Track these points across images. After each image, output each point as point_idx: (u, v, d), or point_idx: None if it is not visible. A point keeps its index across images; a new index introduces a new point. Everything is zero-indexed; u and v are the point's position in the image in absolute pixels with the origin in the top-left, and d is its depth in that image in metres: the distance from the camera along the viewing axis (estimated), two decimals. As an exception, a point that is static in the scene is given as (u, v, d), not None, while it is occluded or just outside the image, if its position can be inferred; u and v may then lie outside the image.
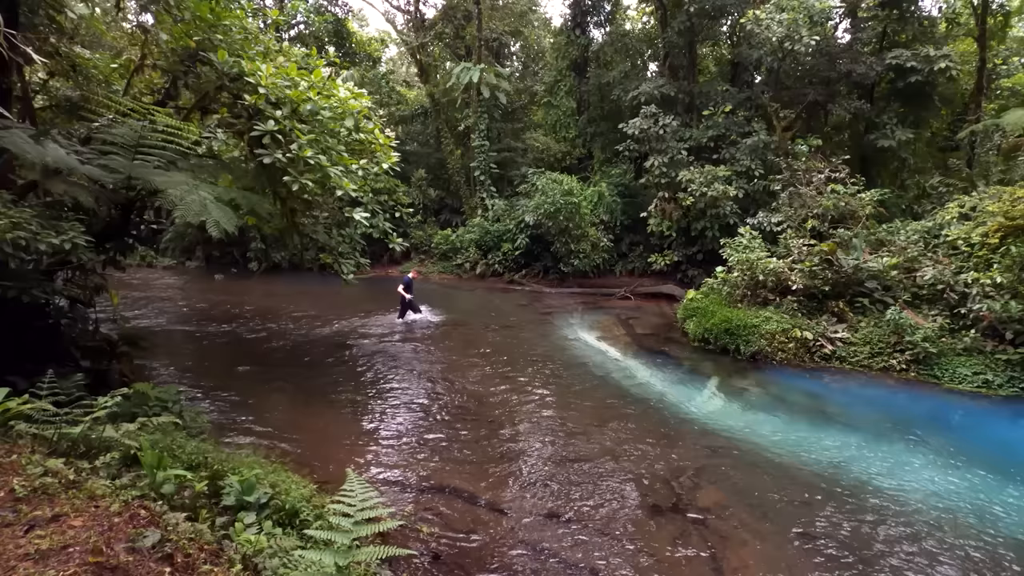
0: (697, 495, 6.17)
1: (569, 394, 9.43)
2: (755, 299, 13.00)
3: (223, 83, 7.66)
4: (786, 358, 11.32)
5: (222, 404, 8.29)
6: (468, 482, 6.27)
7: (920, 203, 18.09)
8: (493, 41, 27.24)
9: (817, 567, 4.93)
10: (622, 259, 22.58)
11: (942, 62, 17.28)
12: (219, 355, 11.15)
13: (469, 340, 13.16)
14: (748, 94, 20.88)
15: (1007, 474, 6.76)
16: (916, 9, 19.48)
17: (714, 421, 8.42)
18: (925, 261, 12.20)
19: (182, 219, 6.41)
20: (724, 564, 4.93)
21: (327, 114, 7.78)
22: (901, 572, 4.88)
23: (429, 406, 8.73)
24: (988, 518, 5.78)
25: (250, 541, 3.37)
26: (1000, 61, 22.23)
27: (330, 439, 7.33)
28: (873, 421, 8.59)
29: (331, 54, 9.42)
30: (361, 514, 2.89)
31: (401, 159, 10.89)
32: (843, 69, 18.56)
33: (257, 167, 7.69)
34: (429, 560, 4.70)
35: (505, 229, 22.85)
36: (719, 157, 19.39)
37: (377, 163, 8.99)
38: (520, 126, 28.69)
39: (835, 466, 6.91)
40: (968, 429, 8.59)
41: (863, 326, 11.44)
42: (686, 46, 22.09)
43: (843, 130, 21.73)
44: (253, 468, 4.85)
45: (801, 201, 15.46)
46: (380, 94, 27.85)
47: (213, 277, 21.96)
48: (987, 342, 10.25)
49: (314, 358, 11.11)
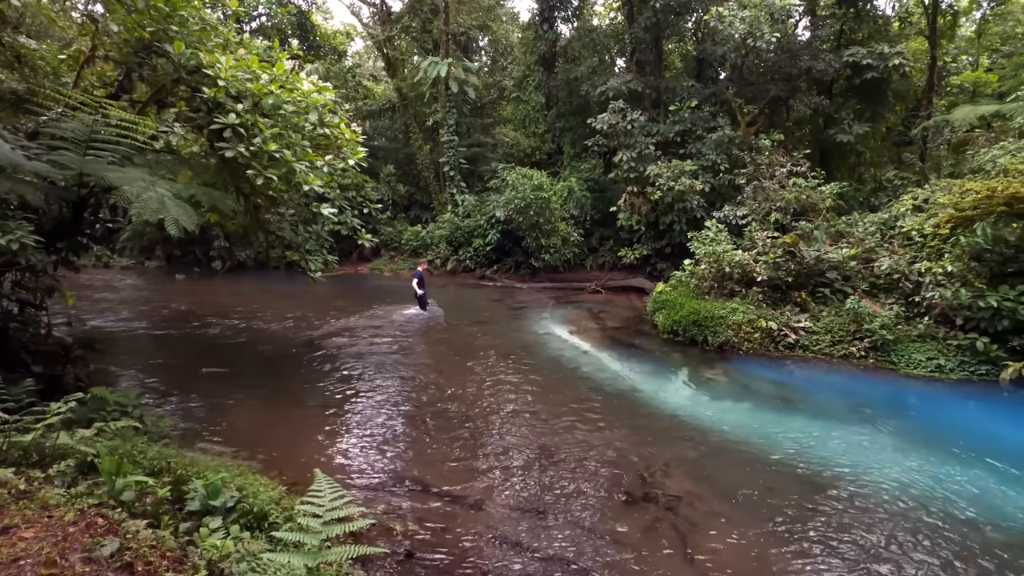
0: (668, 484, 6.28)
1: (542, 388, 9.47)
2: (722, 291, 13.27)
3: (180, 76, 7.41)
4: (752, 348, 11.60)
5: (186, 407, 8.05)
6: (442, 478, 6.24)
7: (877, 196, 18.75)
8: (461, 35, 27.02)
9: (782, 548, 5.07)
10: (593, 253, 22.76)
11: (896, 59, 17.92)
12: (182, 357, 10.82)
13: (441, 337, 13.10)
14: (713, 90, 21.25)
15: (957, 455, 7.08)
16: (871, 8, 20.13)
17: (684, 411, 8.58)
18: (881, 252, 12.65)
19: (139, 217, 6.19)
20: (694, 550, 5.03)
21: (290, 108, 7.59)
22: (861, 550, 5.07)
23: (401, 404, 8.66)
24: (940, 496, 6.05)
25: (216, 546, 3.28)
26: (950, 59, 23.20)
27: (300, 440, 7.20)
28: (834, 407, 8.89)
29: (294, 47, 9.18)
30: (330, 514, 2.84)
31: (369, 154, 10.73)
32: (803, 66, 19.06)
33: (218, 162, 7.48)
34: (402, 558, 4.67)
35: (476, 225, 22.77)
36: (686, 152, 19.70)
37: (344, 158, 8.83)
38: (489, 121, 28.59)
39: (799, 451, 7.13)
40: (922, 412, 8.97)
41: (824, 315, 11.81)
42: (652, 42, 22.33)
43: (804, 125, 22.34)
44: (219, 472, 4.73)
45: (765, 195, 15.84)
46: (346, 88, 27.36)
47: (174, 277, 21.28)
48: (939, 328, 10.71)
49: (282, 358, 10.89)
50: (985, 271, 10.43)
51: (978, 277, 10.33)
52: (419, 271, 14.93)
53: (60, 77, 8.73)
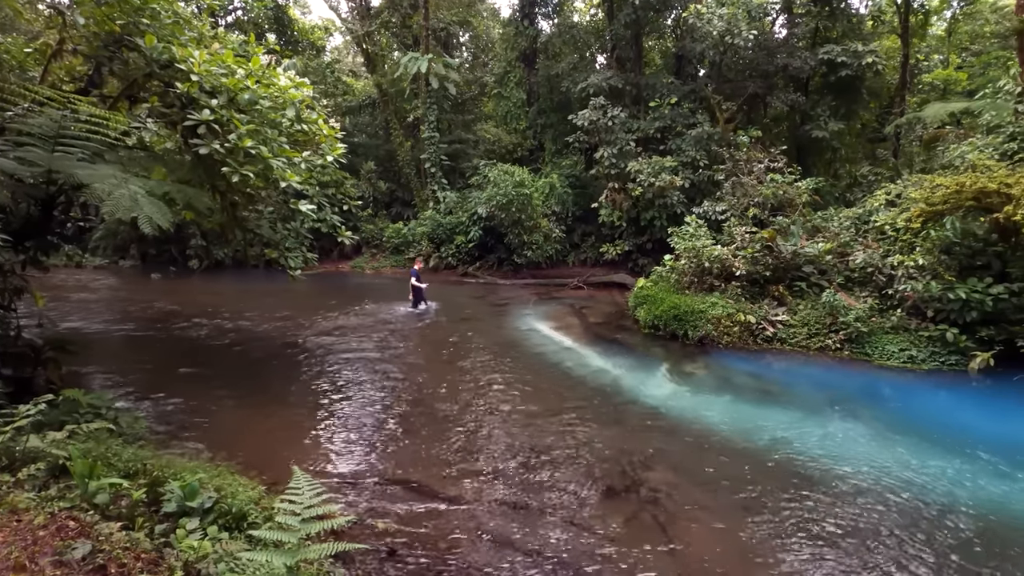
0: (649, 476, 6.36)
1: (525, 384, 9.50)
2: (702, 286, 13.43)
3: (152, 70, 7.24)
4: (731, 341, 11.77)
5: (163, 408, 7.91)
6: (424, 475, 6.24)
7: (851, 191, 19.11)
8: (441, 31, 26.87)
9: (761, 536, 5.17)
10: (575, 249, 22.85)
11: (869, 57, 18.27)
12: (159, 358, 10.62)
13: (424, 334, 13.05)
14: (692, 86, 21.45)
15: (929, 442, 7.28)
16: (846, 6, 20.49)
17: (665, 404, 8.68)
18: (856, 246, 12.92)
19: (111, 215, 6.06)
20: (675, 541, 5.10)
21: (267, 104, 7.47)
22: (836, 536, 5.19)
23: (384, 401, 8.62)
24: (913, 483, 6.21)
25: (192, 547, 3.24)
26: (922, 57, 23.74)
27: (281, 440, 7.12)
28: (811, 398, 9.07)
29: (271, 42, 9.05)
30: (309, 511, 2.82)
31: (349, 151, 10.62)
32: (780, 63, 19.34)
33: (193, 159, 7.33)
34: (384, 556, 4.65)
35: (458, 221, 22.70)
36: (666, 148, 19.86)
37: (322, 155, 8.73)
38: (471, 117, 28.48)
39: (777, 442, 7.26)
40: (895, 402, 9.20)
41: (801, 309, 12.02)
42: (632, 39, 22.45)
43: (781, 121, 22.68)
44: (196, 472, 4.66)
45: (743, 190, 16.05)
46: (325, 84, 27.03)
47: (150, 276, 20.84)
48: (911, 320, 10.98)
49: (262, 357, 10.76)
50: (955, 264, 10.71)
51: (948, 270, 10.61)
52: (415, 270, 15.40)
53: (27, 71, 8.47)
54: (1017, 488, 6.15)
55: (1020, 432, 7.89)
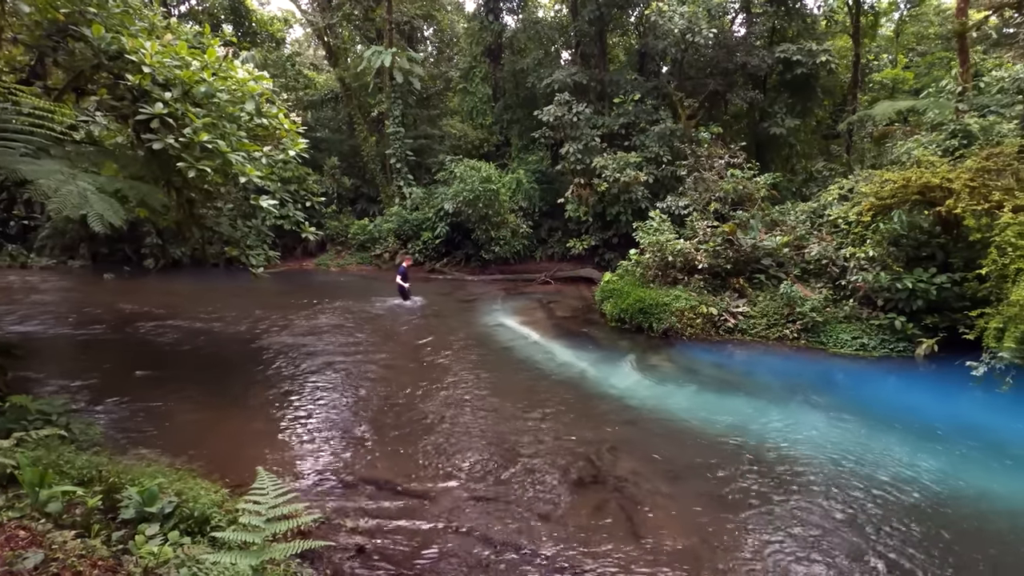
0: (615, 465, 6.49)
1: (493, 378, 9.54)
2: (666, 279, 13.71)
3: (101, 61, 6.96)
4: (695, 333, 12.07)
5: (118, 413, 7.63)
6: (393, 473, 6.21)
7: (807, 186, 19.79)
8: (405, 24, 26.51)
9: (722, 520, 5.35)
10: (542, 245, 22.97)
11: (823, 56, 18.91)
12: (113, 361, 10.22)
13: (391, 331, 12.93)
14: (655, 83, 21.77)
15: (879, 425, 7.64)
16: (800, 6, 21.13)
17: (631, 395, 8.85)
18: (811, 239, 13.40)
19: (59, 213, 5.80)
20: (641, 527, 5.23)
21: (224, 97, 7.27)
22: (794, 514, 5.42)
23: (351, 400, 8.52)
24: (863, 463, 6.52)
25: (153, 553, 3.17)
26: (872, 57, 24.68)
27: (244, 442, 6.98)
28: (770, 386, 9.40)
29: (227, 33, 8.79)
30: (274, 511, 2.79)
31: (311, 146, 10.42)
32: (739, 61, 19.82)
33: (146, 154, 7.09)
34: (353, 553, 4.63)
35: (424, 217, 22.52)
36: (630, 144, 20.12)
37: (283, 150, 8.54)
38: (436, 112, 28.22)
39: (738, 428, 7.50)
40: (848, 388, 9.62)
41: (761, 300, 12.41)
42: (596, 35, 22.63)
43: (741, 118, 23.26)
44: (155, 477, 4.54)
45: (705, 185, 16.42)
46: (285, 77, 26.33)
47: (102, 277, 19.97)
48: (863, 310, 11.47)
49: (224, 358, 10.48)
50: (902, 255, 11.23)
51: (896, 261, 11.11)
52: (403, 267, 15.63)
53: (-38, 61, 8.03)
54: (954, 461, 6.53)
55: (961, 412, 8.39)
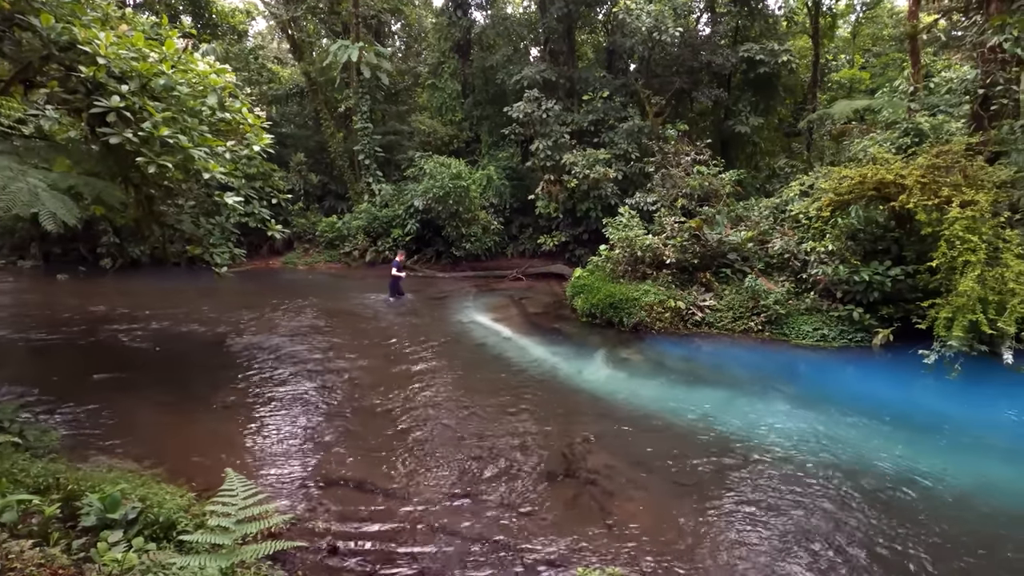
0: (588, 459, 6.57)
1: (465, 375, 9.53)
2: (635, 274, 13.91)
3: (51, 52, 6.64)
4: (664, 327, 12.29)
5: (76, 418, 7.35)
6: (365, 472, 6.16)
7: (770, 182, 20.33)
8: (372, 18, 26.07)
9: (692, 508, 5.49)
10: (513, 241, 23.01)
11: (784, 56, 19.44)
12: (70, 365, 9.83)
13: (362, 329, 12.78)
14: (624, 81, 22.01)
15: (838, 412, 7.94)
16: (763, 7, 21.66)
17: (602, 389, 8.98)
18: (774, 233, 13.79)
19: (7, 211, 5.55)
20: (614, 518, 5.32)
21: (185, 90, 7.04)
22: (758, 500, 5.59)
23: (321, 400, 8.40)
24: (823, 449, 6.77)
25: (117, 560, 3.07)
26: (831, 57, 25.48)
27: (211, 445, 6.81)
28: (736, 377, 9.67)
29: (186, 25, 8.52)
30: (244, 512, 2.74)
31: (276, 142, 10.20)
32: (704, 59, 20.20)
33: (102, 149, 6.83)
34: (325, 554, 4.58)
35: (394, 214, 22.28)
36: (599, 141, 20.31)
37: (248, 145, 8.33)
38: (405, 108, 27.90)
39: (705, 419, 7.69)
40: (809, 378, 9.98)
41: (727, 294, 12.72)
42: (565, 32, 22.74)
43: (706, 116, 23.73)
44: (117, 483, 4.41)
45: (672, 182, 16.70)
46: (248, 71, 25.62)
47: (55, 277, 19.15)
48: (823, 302, 11.87)
49: (188, 361, 10.20)
50: (859, 249, 11.65)
51: (853, 254, 11.53)
52: (398, 261, 16.01)
53: None
54: (906, 444, 6.84)
55: (913, 398, 8.80)
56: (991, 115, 11.95)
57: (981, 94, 12.15)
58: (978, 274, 9.01)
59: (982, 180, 10.21)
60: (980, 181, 10.19)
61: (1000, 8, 10.91)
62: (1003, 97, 11.71)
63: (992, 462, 6.65)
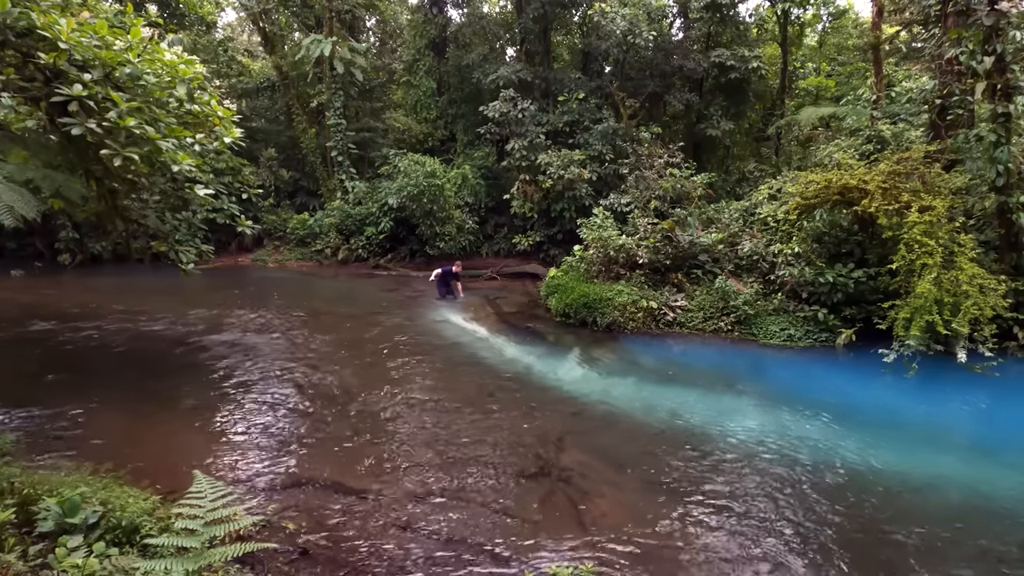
0: (561, 458, 6.62)
1: (439, 375, 9.49)
2: (609, 274, 14.06)
3: (6, 38, 6.36)
4: (636, 327, 12.45)
5: (31, 421, 7.06)
6: (338, 473, 6.08)
7: (740, 185, 20.79)
8: (346, 13, 25.71)
9: (664, 505, 5.58)
10: (488, 241, 22.98)
11: (754, 62, 19.90)
12: (21, 365, 9.42)
13: (333, 329, 12.59)
14: (598, 83, 22.21)
15: (802, 411, 8.15)
16: (734, 14, 22.12)
17: (575, 388, 9.04)
18: (744, 236, 14.10)
19: (-42, 202, 5.30)
20: (586, 516, 5.37)
21: (152, 80, 6.83)
22: (727, 495, 5.72)
23: (292, 400, 8.25)
24: (787, 446, 6.96)
25: (77, 566, 2.97)
26: (799, 65, 26.17)
27: (176, 447, 6.63)
28: (706, 377, 9.85)
29: (152, 13, 8.27)
30: (212, 514, 2.68)
31: (246, 136, 9.96)
32: (677, 63, 20.55)
33: (62, 140, 6.57)
34: (296, 556, 4.50)
35: (368, 212, 22.02)
36: (574, 142, 20.45)
37: (217, 138, 8.12)
38: (379, 105, 27.60)
39: (676, 418, 7.82)
40: (776, 377, 10.24)
41: (698, 294, 12.96)
42: (541, 33, 22.82)
43: (679, 120, 24.12)
44: (77, 487, 4.25)
45: (645, 183, 16.93)
46: (217, 63, 25.01)
47: (9, 274, 18.36)
48: (790, 303, 12.20)
49: (150, 361, 9.89)
50: (824, 251, 12.02)
51: (819, 257, 11.88)
52: (450, 269, 16.17)
53: None
54: (865, 439, 7.08)
55: (873, 395, 9.12)
56: (948, 124, 12.44)
57: (939, 104, 12.64)
58: (934, 276, 9.38)
59: (939, 187, 10.65)
60: (937, 187, 10.62)
61: (956, 22, 11.37)
62: (959, 107, 12.20)
63: (945, 457, 6.93)
